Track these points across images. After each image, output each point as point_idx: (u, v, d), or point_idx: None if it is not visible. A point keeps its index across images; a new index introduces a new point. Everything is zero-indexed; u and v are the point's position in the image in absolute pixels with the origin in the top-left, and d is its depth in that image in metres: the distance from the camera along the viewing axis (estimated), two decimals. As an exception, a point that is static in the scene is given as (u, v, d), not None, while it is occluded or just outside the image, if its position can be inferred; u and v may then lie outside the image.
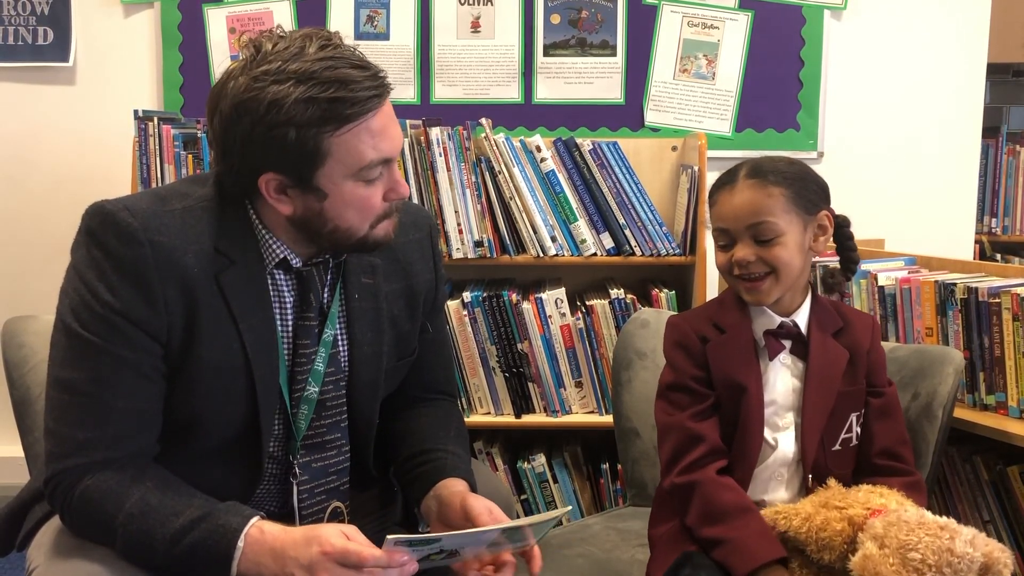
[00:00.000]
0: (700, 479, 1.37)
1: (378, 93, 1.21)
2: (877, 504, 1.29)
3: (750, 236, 1.38)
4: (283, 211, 1.26)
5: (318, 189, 1.23)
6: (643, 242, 2.28)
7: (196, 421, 1.29)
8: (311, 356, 1.36)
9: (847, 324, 1.47)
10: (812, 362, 1.42)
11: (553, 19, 2.58)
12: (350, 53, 1.22)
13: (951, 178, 2.63)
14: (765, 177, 1.39)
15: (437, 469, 1.41)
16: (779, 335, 1.42)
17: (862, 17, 2.58)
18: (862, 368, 1.45)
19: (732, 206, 1.39)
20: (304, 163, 1.21)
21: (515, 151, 2.25)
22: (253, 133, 1.19)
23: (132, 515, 1.18)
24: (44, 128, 2.61)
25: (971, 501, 1.72)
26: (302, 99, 1.17)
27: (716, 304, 1.50)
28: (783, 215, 1.37)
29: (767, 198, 1.37)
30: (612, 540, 1.66)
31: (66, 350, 1.23)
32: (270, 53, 1.19)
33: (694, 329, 1.45)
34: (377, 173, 1.25)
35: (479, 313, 2.24)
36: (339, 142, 1.20)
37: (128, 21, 2.60)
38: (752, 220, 1.37)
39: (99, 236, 1.23)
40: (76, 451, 1.21)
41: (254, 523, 1.18)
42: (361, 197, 1.25)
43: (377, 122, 1.22)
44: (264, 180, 1.23)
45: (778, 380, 1.43)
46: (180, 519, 1.18)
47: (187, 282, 1.23)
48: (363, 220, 1.28)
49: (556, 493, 2.31)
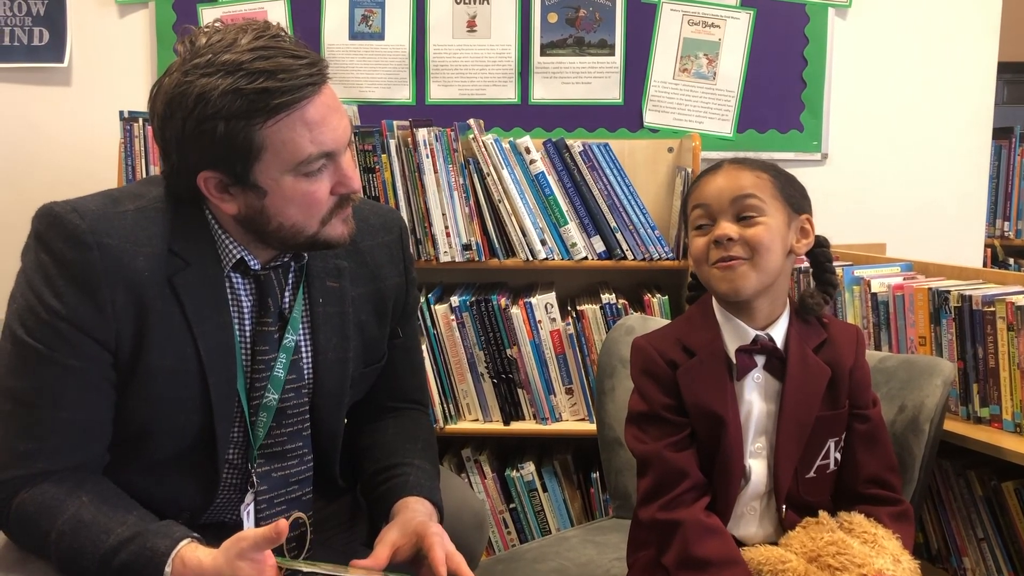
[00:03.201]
0: (685, 519, 1.27)
1: (312, 82, 1.16)
2: (874, 567, 1.21)
3: (733, 213, 1.28)
4: (227, 210, 1.22)
5: (257, 186, 1.19)
6: (635, 246, 2.23)
7: (149, 429, 1.26)
8: (270, 362, 1.32)
9: (830, 337, 1.35)
10: (789, 382, 1.30)
11: (550, 18, 2.54)
12: (287, 43, 1.17)
13: (960, 180, 2.55)
14: (751, 164, 1.33)
15: (399, 486, 1.36)
16: (752, 351, 1.31)
17: (868, 15, 2.50)
18: (844, 388, 1.34)
19: (716, 184, 1.31)
20: (238, 158, 1.17)
21: (504, 153, 2.21)
22: (185, 129, 1.16)
23: (64, 532, 1.15)
24: (40, 129, 2.60)
25: (965, 518, 1.65)
26: (228, 90, 1.13)
27: (684, 322, 1.40)
28: (769, 198, 1.29)
29: (754, 178, 1.30)
30: (588, 554, 1.61)
31: (11, 357, 1.20)
32: (203, 47, 1.16)
33: (661, 353, 1.34)
34: (319, 166, 1.20)
35: (467, 318, 2.20)
36: (271, 134, 1.16)
37: (123, 21, 2.59)
38: (737, 193, 1.28)
39: (46, 239, 1.20)
40: (15, 463, 1.18)
41: (182, 547, 1.14)
42: (303, 192, 1.20)
43: (314, 112, 1.17)
44: (203, 178, 1.20)
45: (752, 401, 1.32)
46: (111, 538, 1.14)
47: (137, 287, 1.20)
48: (309, 217, 1.23)
49: (545, 502, 2.26)
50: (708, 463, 1.32)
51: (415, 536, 1.26)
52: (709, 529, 1.27)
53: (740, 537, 1.33)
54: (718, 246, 1.28)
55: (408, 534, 1.27)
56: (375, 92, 2.54)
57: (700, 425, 1.31)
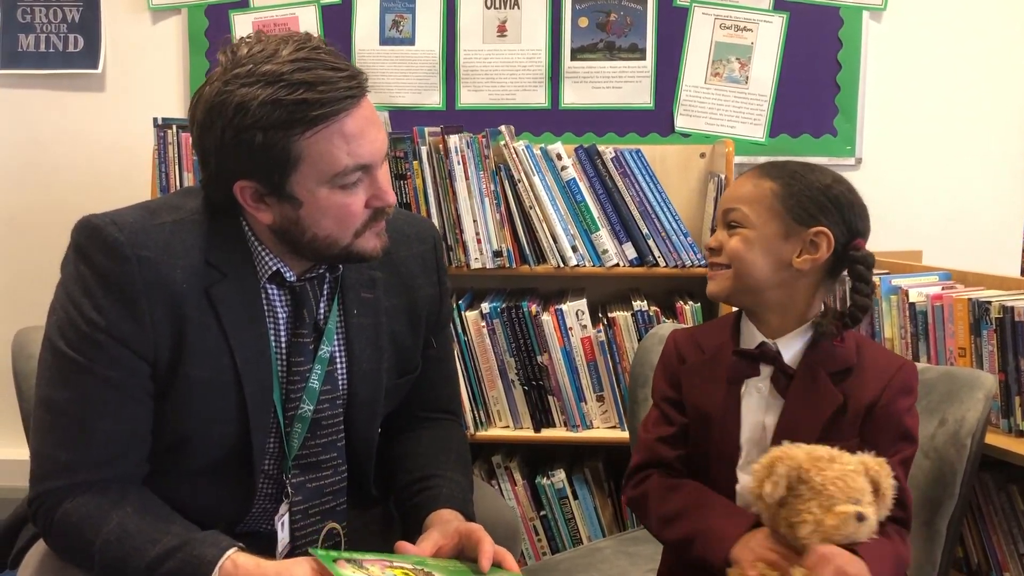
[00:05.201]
0: (648, 488, 1.34)
1: (351, 95, 1.16)
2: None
3: (725, 222, 1.32)
4: (263, 220, 1.23)
5: (293, 196, 1.20)
6: (667, 253, 2.21)
7: (186, 440, 1.27)
8: (305, 374, 1.32)
9: (860, 366, 1.27)
10: (790, 400, 1.26)
11: (581, 22, 2.53)
12: (328, 55, 1.18)
13: (997, 186, 2.50)
14: (769, 171, 1.32)
15: (432, 498, 1.36)
16: (755, 357, 1.29)
17: (903, 18, 2.47)
18: (855, 423, 1.25)
19: (725, 192, 1.37)
20: (275, 168, 1.17)
21: (535, 159, 2.20)
22: (224, 138, 1.16)
23: (109, 541, 1.16)
24: (74, 135, 2.63)
25: (1006, 532, 1.63)
26: (268, 101, 1.13)
27: (714, 322, 1.43)
28: (761, 209, 1.28)
29: (753, 188, 1.30)
30: (621, 566, 1.60)
31: (51, 369, 1.21)
32: (244, 57, 1.17)
33: (680, 347, 1.38)
34: (355, 179, 1.20)
35: (498, 324, 2.19)
36: (309, 146, 1.16)
37: (156, 27, 2.60)
38: (727, 206, 1.32)
39: (86, 251, 1.21)
40: (58, 473, 1.19)
41: (229, 556, 1.15)
42: (339, 205, 1.20)
43: (352, 125, 1.17)
44: (239, 187, 1.20)
45: (751, 413, 1.29)
46: (157, 547, 1.15)
47: (175, 298, 1.21)
48: (343, 229, 1.23)
49: (576, 510, 2.25)
50: (700, 472, 1.32)
51: (457, 536, 1.27)
52: (671, 486, 1.31)
53: None
54: (710, 252, 1.34)
55: (450, 534, 1.28)
56: (405, 98, 2.54)
57: (693, 425, 1.34)
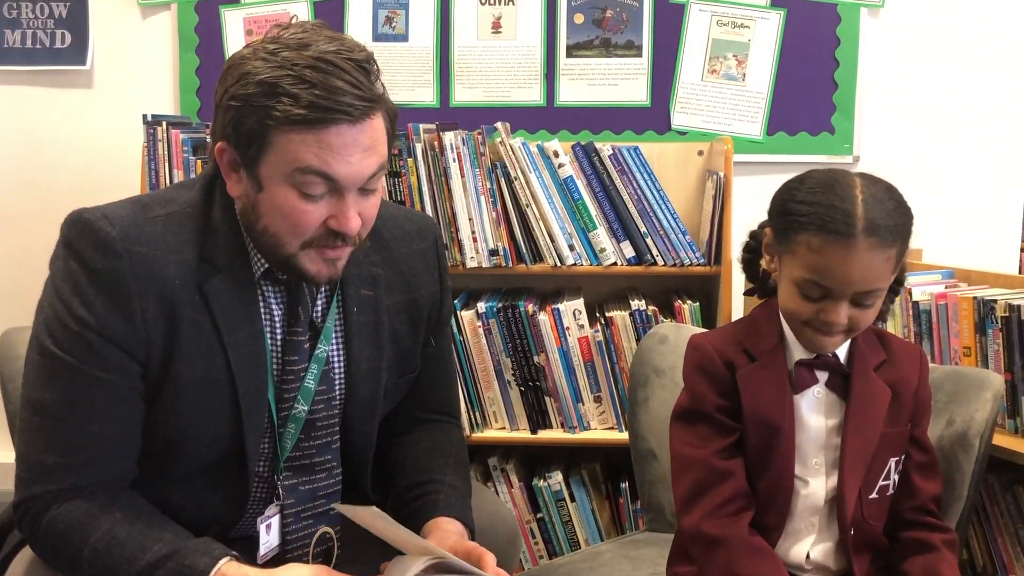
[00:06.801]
0: (729, 536, 1.23)
1: (347, 112, 1.13)
2: None
3: (851, 299, 1.20)
4: (231, 191, 1.21)
5: (258, 178, 1.17)
6: (665, 251, 2.18)
7: (178, 441, 1.23)
8: (300, 373, 1.29)
9: (891, 357, 1.31)
10: (854, 400, 1.27)
11: (576, 19, 2.50)
12: (357, 71, 1.14)
13: (995, 184, 2.49)
14: (883, 236, 1.17)
15: (430, 505, 1.33)
16: (815, 365, 1.28)
17: (901, 14, 2.45)
18: (907, 408, 1.31)
19: (846, 271, 1.18)
20: (250, 144, 1.15)
21: (532, 156, 2.17)
22: (223, 97, 1.16)
23: (97, 549, 1.12)
24: (62, 132, 2.59)
25: (1012, 534, 1.61)
26: (267, 81, 1.12)
27: (745, 326, 1.35)
28: (889, 276, 1.22)
29: (883, 263, 1.18)
30: (623, 569, 1.57)
31: (39, 369, 1.18)
32: (281, 36, 1.16)
33: (719, 353, 1.30)
34: (319, 190, 1.16)
35: (494, 324, 2.16)
36: (283, 139, 1.13)
37: (145, 23, 2.57)
38: (863, 288, 1.19)
39: (76, 247, 1.18)
40: (44, 477, 1.16)
41: (222, 566, 1.12)
42: (291, 206, 1.16)
43: (336, 139, 1.13)
44: (220, 148, 1.19)
45: (811, 417, 1.29)
46: (147, 555, 1.12)
47: (167, 295, 1.18)
48: (291, 234, 1.18)
49: (573, 512, 2.22)
50: (756, 476, 1.28)
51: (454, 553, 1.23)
52: (755, 548, 1.23)
53: (793, 556, 1.30)
54: (827, 325, 1.22)
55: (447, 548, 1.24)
56: (399, 94, 2.51)
57: (753, 433, 1.27)
